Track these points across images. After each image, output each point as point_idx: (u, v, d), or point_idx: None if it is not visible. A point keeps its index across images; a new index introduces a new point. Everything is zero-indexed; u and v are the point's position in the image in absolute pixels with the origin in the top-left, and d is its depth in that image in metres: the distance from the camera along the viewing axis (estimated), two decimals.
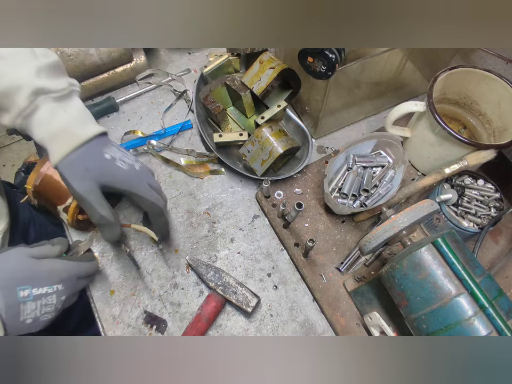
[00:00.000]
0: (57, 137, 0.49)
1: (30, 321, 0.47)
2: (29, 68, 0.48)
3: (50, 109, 0.49)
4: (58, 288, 0.49)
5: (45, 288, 0.48)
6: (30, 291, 0.46)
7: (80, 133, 0.50)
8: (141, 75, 0.80)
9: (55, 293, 0.49)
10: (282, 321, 0.61)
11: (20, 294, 0.45)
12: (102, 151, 0.52)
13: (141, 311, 0.61)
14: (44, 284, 0.48)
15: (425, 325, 0.46)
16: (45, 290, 0.48)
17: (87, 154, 0.51)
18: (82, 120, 0.52)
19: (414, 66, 0.76)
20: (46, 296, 0.48)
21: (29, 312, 0.47)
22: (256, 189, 0.72)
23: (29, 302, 0.46)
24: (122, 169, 0.53)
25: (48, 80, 0.49)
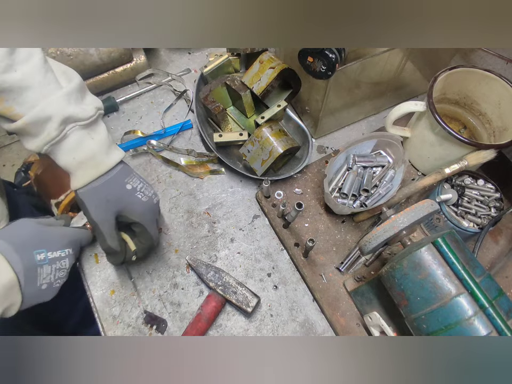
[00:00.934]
0: (83, 164, 0.50)
1: (45, 286, 0.49)
2: (58, 97, 0.48)
3: (78, 137, 0.50)
4: (70, 252, 0.51)
5: (58, 252, 0.50)
6: (45, 254, 0.48)
7: (105, 162, 0.52)
8: (141, 75, 0.80)
9: (67, 256, 0.51)
10: (282, 321, 0.61)
11: (37, 258, 0.47)
12: (124, 181, 0.53)
13: (141, 311, 0.61)
14: (57, 247, 0.50)
15: (425, 325, 0.46)
16: (59, 254, 0.50)
17: (110, 185, 0.52)
18: (107, 146, 0.53)
19: (414, 66, 0.76)
20: (59, 260, 0.50)
21: (44, 277, 0.48)
22: (256, 189, 0.72)
23: (45, 265, 0.48)
24: (141, 202, 0.55)
25: (77, 107, 0.49)
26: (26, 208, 0.80)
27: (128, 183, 0.54)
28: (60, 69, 0.52)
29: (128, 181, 0.54)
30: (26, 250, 0.47)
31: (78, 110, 0.49)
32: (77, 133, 0.50)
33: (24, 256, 0.46)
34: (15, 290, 0.46)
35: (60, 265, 0.50)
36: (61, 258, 0.50)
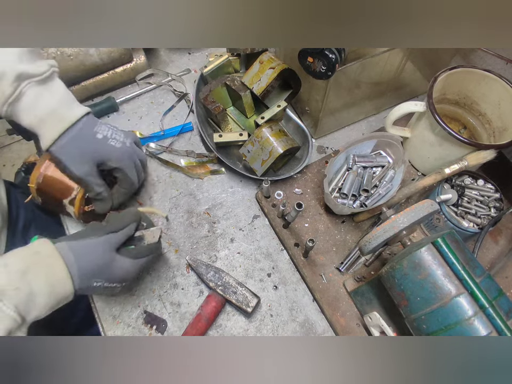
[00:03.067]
0: (46, 121, 0.50)
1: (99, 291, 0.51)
2: (9, 56, 0.48)
3: (35, 93, 0.50)
4: (123, 284, 0.53)
5: (114, 284, 0.51)
6: (102, 283, 0.50)
7: (68, 115, 0.52)
8: (141, 75, 0.80)
9: (121, 286, 0.53)
10: (282, 321, 0.61)
11: (93, 284, 0.49)
12: (93, 131, 0.54)
13: (141, 311, 0.61)
14: (115, 280, 0.51)
15: (425, 325, 0.46)
16: (114, 285, 0.51)
17: (80, 137, 0.53)
18: (68, 101, 0.53)
19: (414, 66, 0.76)
20: (112, 289, 0.52)
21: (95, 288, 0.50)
22: (256, 189, 0.72)
23: (98, 287, 0.50)
24: (115, 148, 0.55)
25: (30, 64, 0.49)
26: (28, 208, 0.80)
27: (98, 132, 0.54)
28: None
29: (97, 130, 0.54)
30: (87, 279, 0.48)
31: (31, 67, 0.49)
32: (34, 89, 0.49)
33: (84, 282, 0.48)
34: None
35: (111, 290, 0.52)
36: (114, 288, 0.52)
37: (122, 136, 0.58)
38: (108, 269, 0.50)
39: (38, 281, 0.44)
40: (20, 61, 0.49)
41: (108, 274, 0.50)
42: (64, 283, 0.46)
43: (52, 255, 0.46)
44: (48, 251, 0.46)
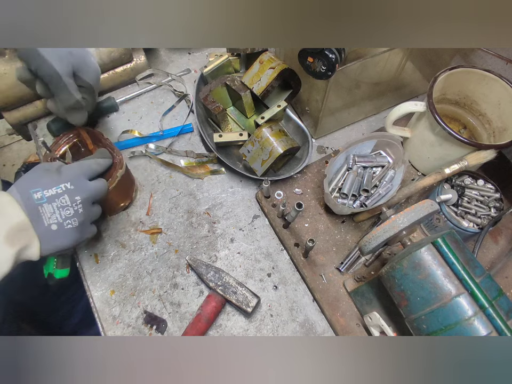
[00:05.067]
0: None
1: (55, 227, 0.48)
2: None
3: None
4: (67, 186, 0.49)
5: (53, 189, 0.48)
6: (41, 193, 0.48)
7: None
8: (141, 75, 0.80)
9: (65, 192, 0.49)
10: (282, 321, 0.61)
11: (34, 196, 0.47)
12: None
13: (141, 311, 0.61)
14: (51, 185, 0.49)
15: (425, 325, 0.46)
16: (55, 191, 0.48)
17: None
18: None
19: (414, 66, 0.76)
20: (57, 197, 0.48)
21: (49, 216, 0.48)
22: (256, 189, 0.72)
23: (45, 204, 0.48)
24: (95, 65, 0.56)
25: None
26: None
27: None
28: None
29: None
30: (24, 191, 0.47)
31: None
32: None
33: (23, 195, 0.47)
34: (29, 230, 0.47)
35: (60, 203, 0.49)
36: (58, 195, 0.49)
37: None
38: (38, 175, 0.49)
39: None
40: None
41: (40, 182, 0.48)
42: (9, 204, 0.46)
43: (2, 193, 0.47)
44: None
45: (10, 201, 0.47)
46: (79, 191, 0.50)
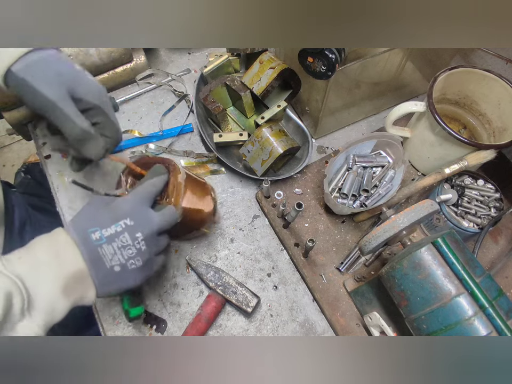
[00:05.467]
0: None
1: (118, 269, 0.44)
2: None
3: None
4: (127, 223, 0.44)
5: (112, 227, 0.43)
6: (100, 232, 0.43)
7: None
8: (141, 75, 0.80)
9: (125, 230, 0.44)
10: (282, 321, 0.61)
11: (92, 237, 0.43)
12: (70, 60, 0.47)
13: None
14: (110, 223, 0.44)
15: (425, 325, 0.46)
16: (114, 230, 0.43)
17: (55, 57, 0.45)
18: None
19: (414, 66, 0.76)
20: (117, 236, 0.43)
21: (110, 258, 0.43)
22: (256, 189, 0.72)
23: (104, 245, 0.43)
24: (94, 82, 0.48)
25: None
26: (22, 207, 0.80)
27: (75, 63, 0.47)
28: None
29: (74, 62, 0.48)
30: (81, 230, 0.43)
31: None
32: None
33: (81, 235, 0.42)
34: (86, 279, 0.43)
35: (121, 242, 0.43)
36: (118, 234, 0.43)
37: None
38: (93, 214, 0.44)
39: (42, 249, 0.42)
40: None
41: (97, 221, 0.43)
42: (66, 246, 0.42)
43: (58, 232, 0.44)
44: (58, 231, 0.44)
45: (68, 242, 0.42)
46: (140, 226, 0.45)
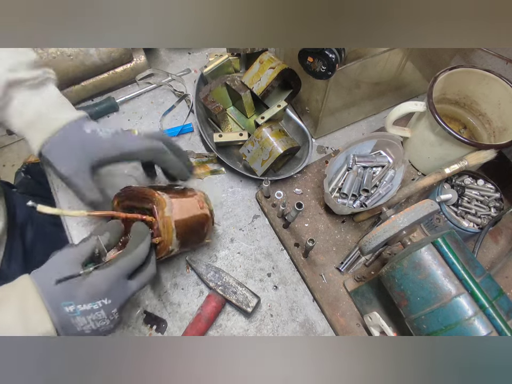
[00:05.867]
0: (34, 124, 0.48)
1: (89, 331, 0.43)
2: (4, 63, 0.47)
3: (24, 97, 0.48)
4: (104, 303, 0.44)
5: (89, 305, 0.43)
6: (74, 307, 0.42)
7: (58, 118, 0.49)
8: (141, 75, 0.80)
9: (102, 308, 0.43)
10: (282, 321, 0.61)
11: (66, 310, 0.42)
12: (82, 127, 0.50)
13: (141, 311, 0.61)
14: (86, 301, 0.43)
15: (425, 325, 0.46)
16: (90, 307, 0.43)
17: (68, 134, 0.49)
18: (60, 106, 0.50)
19: (414, 66, 0.77)
20: (93, 311, 0.43)
21: (82, 326, 0.43)
22: (256, 189, 0.72)
23: (78, 316, 0.42)
24: (105, 137, 0.50)
25: (22, 72, 0.48)
26: (23, 208, 0.80)
27: (86, 127, 0.50)
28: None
29: (86, 126, 0.50)
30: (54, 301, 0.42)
31: (23, 74, 0.47)
32: (23, 94, 0.48)
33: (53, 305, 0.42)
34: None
35: (95, 316, 0.43)
36: (94, 310, 0.43)
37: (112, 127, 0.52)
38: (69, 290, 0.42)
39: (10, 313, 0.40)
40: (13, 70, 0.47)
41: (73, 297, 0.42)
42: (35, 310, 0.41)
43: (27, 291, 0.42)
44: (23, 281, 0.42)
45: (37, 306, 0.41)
46: (116, 303, 0.45)
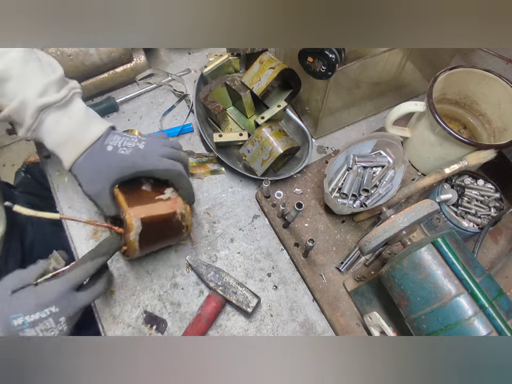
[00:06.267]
0: (64, 144, 0.52)
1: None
2: (34, 88, 0.50)
3: (54, 119, 0.52)
4: (52, 311, 0.46)
5: (37, 314, 0.45)
6: (23, 319, 0.44)
7: (84, 138, 0.53)
8: (141, 75, 0.80)
9: (50, 316, 0.45)
10: (282, 321, 0.61)
11: (14, 323, 0.44)
12: (104, 144, 0.53)
13: (141, 311, 0.61)
14: (34, 310, 0.45)
15: (425, 325, 0.46)
16: (38, 316, 0.45)
17: (91, 154, 0.53)
18: (86, 122, 0.53)
19: (414, 66, 0.76)
20: (41, 321, 0.45)
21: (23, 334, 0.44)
22: (256, 189, 0.72)
23: (27, 329, 0.44)
24: (125, 156, 0.54)
25: (52, 96, 0.51)
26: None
27: (108, 144, 0.53)
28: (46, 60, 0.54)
29: (108, 142, 0.54)
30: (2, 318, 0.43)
31: (53, 98, 0.51)
32: (52, 116, 0.51)
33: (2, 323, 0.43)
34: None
35: (44, 326, 0.45)
36: (42, 319, 0.45)
37: (135, 140, 0.55)
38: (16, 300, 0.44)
39: None
40: (44, 93, 0.50)
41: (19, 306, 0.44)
42: None
43: None
44: None
45: None
46: (65, 312, 0.47)
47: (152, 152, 0.55)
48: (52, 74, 0.52)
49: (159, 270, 0.64)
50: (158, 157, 0.55)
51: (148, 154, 0.55)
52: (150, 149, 0.56)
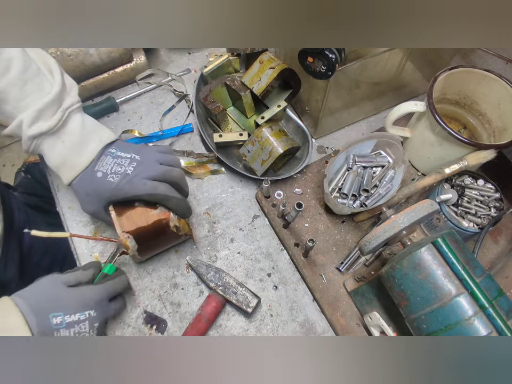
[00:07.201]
0: (61, 166, 0.54)
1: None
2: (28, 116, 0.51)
3: (48, 145, 0.53)
4: (91, 314, 0.49)
5: (77, 315, 0.47)
6: (62, 318, 0.46)
7: (77, 163, 0.54)
8: (141, 75, 0.80)
9: (87, 319, 0.48)
10: (282, 321, 0.61)
11: (53, 321, 0.45)
12: (94, 170, 0.54)
13: (141, 311, 0.61)
14: (75, 310, 0.47)
15: (425, 325, 0.46)
16: (77, 317, 0.47)
17: (84, 179, 0.55)
18: (80, 144, 0.54)
19: (414, 66, 0.76)
20: (78, 323, 0.47)
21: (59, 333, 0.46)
22: (256, 189, 0.72)
23: (62, 329, 0.46)
24: (113, 184, 0.54)
25: (45, 123, 0.52)
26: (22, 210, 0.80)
27: (98, 170, 0.54)
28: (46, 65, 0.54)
29: (98, 168, 0.54)
30: (42, 313, 0.45)
31: (45, 126, 0.52)
32: (47, 141, 0.53)
33: (40, 319, 0.44)
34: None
35: (79, 328, 0.47)
36: (79, 321, 0.47)
37: (126, 164, 0.55)
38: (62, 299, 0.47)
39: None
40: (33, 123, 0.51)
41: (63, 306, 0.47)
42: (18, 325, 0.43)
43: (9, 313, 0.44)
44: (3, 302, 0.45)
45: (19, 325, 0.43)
46: (99, 318, 0.50)
47: (140, 174, 0.54)
48: (49, 91, 0.52)
49: (159, 270, 0.64)
50: (144, 180, 0.54)
51: (135, 178, 0.54)
52: (139, 171, 0.54)
